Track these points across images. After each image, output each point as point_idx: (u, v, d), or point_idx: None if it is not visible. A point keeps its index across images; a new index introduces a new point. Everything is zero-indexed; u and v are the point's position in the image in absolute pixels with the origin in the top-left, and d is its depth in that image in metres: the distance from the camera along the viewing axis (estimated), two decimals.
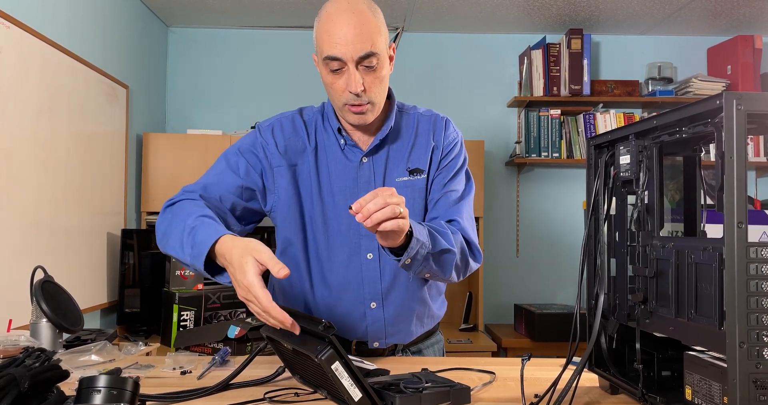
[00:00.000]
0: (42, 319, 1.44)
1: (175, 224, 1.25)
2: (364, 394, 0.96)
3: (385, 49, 1.31)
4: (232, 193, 1.37)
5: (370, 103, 1.30)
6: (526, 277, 3.91)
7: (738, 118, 0.80)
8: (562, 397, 0.96)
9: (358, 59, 1.25)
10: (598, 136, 1.14)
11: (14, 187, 2.22)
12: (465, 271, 1.37)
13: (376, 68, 1.28)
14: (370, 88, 1.29)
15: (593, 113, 3.70)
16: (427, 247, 1.20)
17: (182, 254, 1.20)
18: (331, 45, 1.24)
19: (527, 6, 3.48)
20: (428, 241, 1.21)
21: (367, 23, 1.25)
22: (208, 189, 1.36)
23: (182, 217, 1.24)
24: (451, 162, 1.43)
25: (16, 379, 0.81)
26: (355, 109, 1.30)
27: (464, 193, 1.44)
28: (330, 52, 1.25)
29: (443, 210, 1.39)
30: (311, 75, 3.66)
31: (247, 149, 1.40)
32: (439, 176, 1.42)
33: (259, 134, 1.41)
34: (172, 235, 1.24)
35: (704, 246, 0.88)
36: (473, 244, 1.38)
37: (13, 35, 2.20)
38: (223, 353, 1.33)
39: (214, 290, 2.82)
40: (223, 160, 1.41)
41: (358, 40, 1.23)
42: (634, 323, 1.03)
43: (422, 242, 1.19)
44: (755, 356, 0.79)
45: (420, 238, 1.18)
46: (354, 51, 1.24)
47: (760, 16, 3.56)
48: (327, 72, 1.29)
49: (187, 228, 1.19)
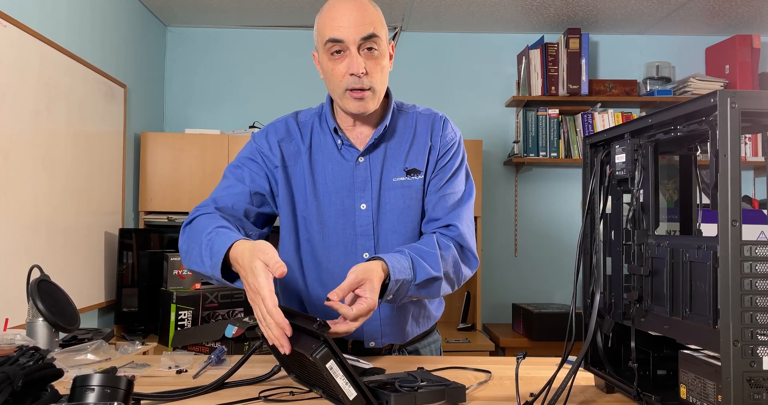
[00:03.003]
0: (38, 318, 1.44)
1: (193, 240, 1.27)
2: (359, 392, 0.96)
3: (386, 41, 1.33)
4: (243, 201, 1.38)
5: (371, 89, 1.31)
6: (524, 277, 3.91)
7: (732, 116, 0.80)
8: (558, 395, 0.96)
9: (360, 41, 1.27)
10: (594, 135, 1.14)
11: (12, 186, 2.22)
12: (458, 282, 1.38)
13: (377, 55, 1.30)
14: (371, 73, 1.30)
15: (591, 113, 3.70)
16: (408, 281, 1.23)
17: (203, 267, 1.22)
18: (333, 28, 1.28)
19: (525, 5, 3.48)
20: (410, 274, 1.23)
21: (369, 11, 1.30)
22: (219, 201, 1.37)
23: (199, 232, 1.27)
24: (448, 162, 1.43)
25: (10, 378, 0.81)
26: (356, 94, 1.31)
27: (464, 195, 1.43)
28: (332, 35, 1.27)
29: (443, 213, 1.39)
30: (310, 75, 3.67)
31: (246, 159, 1.42)
32: (437, 177, 1.42)
33: (253, 141, 1.44)
34: (192, 252, 1.26)
35: (699, 244, 0.88)
36: (469, 251, 1.39)
37: (10, 35, 2.20)
38: (219, 352, 1.32)
39: (211, 290, 2.82)
40: (227, 175, 1.43)
41: (360, 23, 1.27)
42: (630, 322, 1.03)
43: (402, 280, 1.21)
44: (749, 355, 0.79)
45: (399, 277, 1.21)
46: (356, 32, 1.27)
47: (758, 15, 3.56)
48: (328, 58, 1.31)
49: (205, 241, 1.22)
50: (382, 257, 1.22)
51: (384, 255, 1.23)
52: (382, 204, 1.38)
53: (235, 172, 1.41)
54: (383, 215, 1.38)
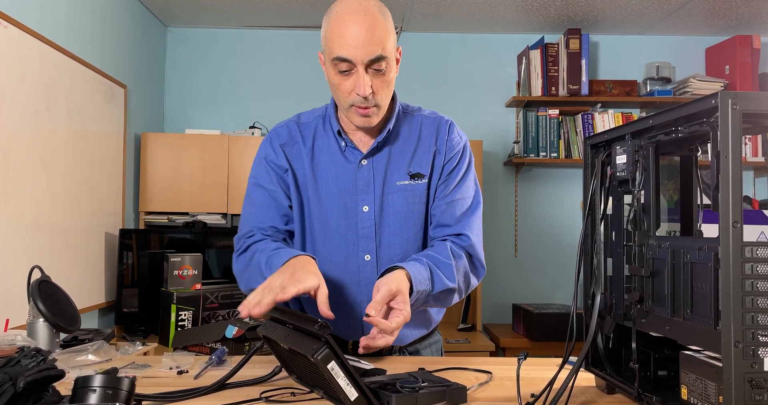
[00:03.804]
0: (39, 319, 1.44)
1: (252, 260, 1.32)
2: (361, 393, 0.96)
3: (393, 52, 1.31)
4: (277, 211, 1.41)
5: (376, 106, 1.31)
6: (524, 277, 3.91)
7: (733, 118, 0.80)
8: (559, 396, 0.96)
9: (368, 62, 1.25)
10: (595, 135, 1.14)
11: (12, 186, 2.22)
12: (465, 292, 1.39)
13: (384, 72, 1.28)
14: (377, 92, 1.29)
15: (591, 113, 3.71)
16: (426, 291, 1.23)
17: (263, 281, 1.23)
18: (341, 46, 1.24)
19: (525, 6, 3.48)
20: (429, 285, 1.24)
21: (378, 26, 1.24)
22: (258, 224, 1.40)
23: (260, 251, 1.32)
24: (455, 167, 1.42)
25: (12, 379, 0.81)
26: (362, 111, 1.31)
27: (473, 203, 1.43)
28: (340, 54, 1.24)
29: (453, 220, 1.39)
30: (310, 75, 3.68)
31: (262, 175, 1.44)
32: (444, 183, 1.41)
33: (261, 151, 1.46)
34: (253, 279, 1.30)
35: (700, 245, 0.88)
36: (478, 261, 1.40)
37: (11, 35, 2.20)
38: (220, 353, 1.32)
39: (212, 290, 2.82)
40: (250, 194, 1.45)
41: (368, 43, 1.23)
42: (631, 323, 1.03)
43: (422, 291, 1.22)
44: (750, 356, 0.78)
45: (420, 288, 1.21)
46: (364, 54, 1.23)
47: (758, 16, 3.56)
48: (335, 72, 1.29)
49: (264, 259, 1.27)
50: (404, 267, 1.22)
51: (405, 264, 1.23)
52: (384, 207, 1.38)
53: (259, 193, 1.43)
54: (386, 218, 1.39)
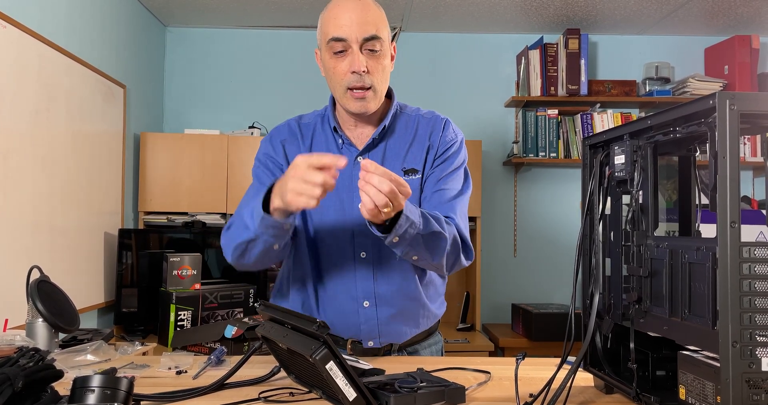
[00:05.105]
0: (38, 319, 1.44)
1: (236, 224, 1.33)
2: (359, 393, 0.96)
3: (388, 40, 1.35)
4: None
5: (372, 88, 1.32)
6: (523, 277, 3.91)
7: (731, 118, 0.80)
8: (557, 396, 0.96)
9: (363, 41, 1.29)
10: (593, 136, 1.14)
11: (11, 186, 2.22)
12: (454, 264, 1.37)
13: (379, 55, 1.32)
14: (372, 72, 1.31)
15: (590, 113, 3.71)
16: (417, 227, 1.20)
17: (248, 232, 1.25)
18: (336, 27, 1.30)
19: (524, 6, 3.48)
20: (419, 221, 1.21)
21: (371, 11, 1.32)
22: None
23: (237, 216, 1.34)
24: (446, 160, 1.43)
25: (10, 379, 0.81)
26: (357, 93, 1.32)
27: (460, 191, 1.44)
28: (335, 33, 1.29)
29: (437, 206, 1.39)
30: (309, 75, 3.67)
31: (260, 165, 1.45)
32: (434, 174, 1.42)
33: (261, 148, 1.48)
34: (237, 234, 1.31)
35: (698, 246, 0.88)
36: (465, 242, 1.39)
37: (10, 35, 2.20)
38: (219, 353, 1.32)
39: (211, 290, 2.82)
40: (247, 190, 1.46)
41: (363, 23, 1.29)
42: (629, 323, 1.03)
43: (412, 221, 1.19)
44: (748, 356, 0.79)
45: (410, 217, 1.18)
46: (359, 32, 1.29)
47: (757, 16, 3.56)
48: (330, 56, 1.32)
49: (245, 215, 1.27)
50: None
51: None
52: None
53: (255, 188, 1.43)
54: None
